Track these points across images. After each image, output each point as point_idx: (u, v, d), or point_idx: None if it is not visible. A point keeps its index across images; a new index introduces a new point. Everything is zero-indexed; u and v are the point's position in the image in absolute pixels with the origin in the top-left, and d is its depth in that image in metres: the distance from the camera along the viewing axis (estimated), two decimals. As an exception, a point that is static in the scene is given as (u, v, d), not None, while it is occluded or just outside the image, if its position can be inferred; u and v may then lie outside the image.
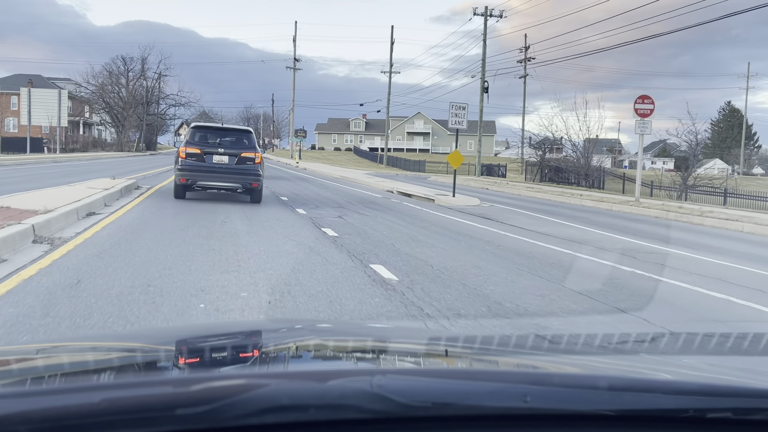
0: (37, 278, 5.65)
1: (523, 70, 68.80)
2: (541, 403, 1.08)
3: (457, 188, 21.38)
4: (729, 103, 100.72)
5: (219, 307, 5.11)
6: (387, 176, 41.92)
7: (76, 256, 6.82)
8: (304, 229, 10.43)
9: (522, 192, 28.11)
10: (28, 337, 4.05)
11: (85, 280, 5.71)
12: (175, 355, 1.58)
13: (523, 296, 6.16)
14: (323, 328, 2.44)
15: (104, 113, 79.22)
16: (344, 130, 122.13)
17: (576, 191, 29.58)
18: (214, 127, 15.43)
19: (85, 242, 7.76)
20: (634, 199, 21.82)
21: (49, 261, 6.47)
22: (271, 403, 0.97)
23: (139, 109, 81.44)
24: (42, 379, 1.28)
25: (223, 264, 6.90)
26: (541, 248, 9.80)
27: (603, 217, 16.80)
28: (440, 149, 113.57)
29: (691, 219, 17.17)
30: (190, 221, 10.45)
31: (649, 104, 20.40)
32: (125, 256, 7.02)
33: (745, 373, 1.72)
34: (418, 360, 1.68)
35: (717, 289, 7.10)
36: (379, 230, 11.02)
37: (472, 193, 23.99)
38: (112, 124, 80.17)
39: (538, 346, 3.04)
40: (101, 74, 77.76)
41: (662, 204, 21.17)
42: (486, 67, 42.62)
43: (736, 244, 12.53)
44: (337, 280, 6.36)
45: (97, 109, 78.64)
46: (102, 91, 76.95)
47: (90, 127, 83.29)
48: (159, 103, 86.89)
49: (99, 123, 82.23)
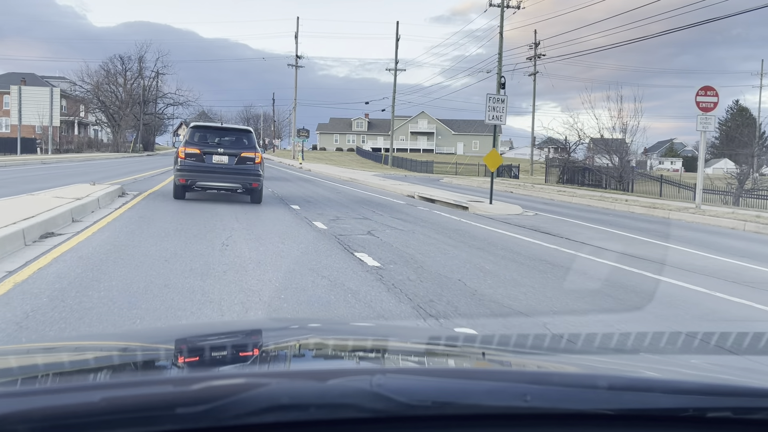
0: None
1: (533, 68, 66.46)
2: (541, 403, 1.07)
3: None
4: (737, 102, 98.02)
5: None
6: (396, 178, 39.34)
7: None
8: (332, 256, 7.77)
9: (554, 196, 25.44)
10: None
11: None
12: (175, 354, 1.55)
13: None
14: (323, 327, 2.47)
15: (100, 113, 76.24)
16: (346, 129, 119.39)
17: (612, 195, 26.92)
18: (214, 127, 15.21)
19: (8, 296, 4.98)
20: (694, 205, 19.11)
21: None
22: (271, 402, 0.97)
23: (136, 109, 78.66)
24: (42, 379, 1.28)
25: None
26: (673, 288, 7.02)
27: (679, 230, 14.09)
28: (444, 149, 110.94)
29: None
30: (180, 246, 7.79)
31: (712, 96, 17.76)
32: (68, 324, 4.36)
33: (745, 372, 1.77)
34: (418, 359, 1.66)
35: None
36: (429, 254, 8.37)
37: (504, 198, 21.35)
38: (108, 124, 77.22)
39: (538, 345, 2.77)
40: (97, 72, 74.94)
41: (732, 212, 18.40)
42: (499, 62, 39.92)
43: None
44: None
45: (93, 108, 75.68)
46: (97, 89, 74.00)
47: (86, 128, 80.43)
48: (157, 102, 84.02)
49: (95, 123, 79.27)
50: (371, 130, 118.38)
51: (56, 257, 6.57)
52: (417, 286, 6.19)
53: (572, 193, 26.37)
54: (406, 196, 20.94)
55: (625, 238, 11.91)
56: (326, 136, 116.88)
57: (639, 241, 11.54)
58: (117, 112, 75.99)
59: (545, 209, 18.60)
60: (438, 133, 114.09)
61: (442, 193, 21.70)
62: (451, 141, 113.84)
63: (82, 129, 79.19)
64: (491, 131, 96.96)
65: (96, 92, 73.79)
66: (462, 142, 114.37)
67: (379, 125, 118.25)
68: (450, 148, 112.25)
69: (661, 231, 13.57)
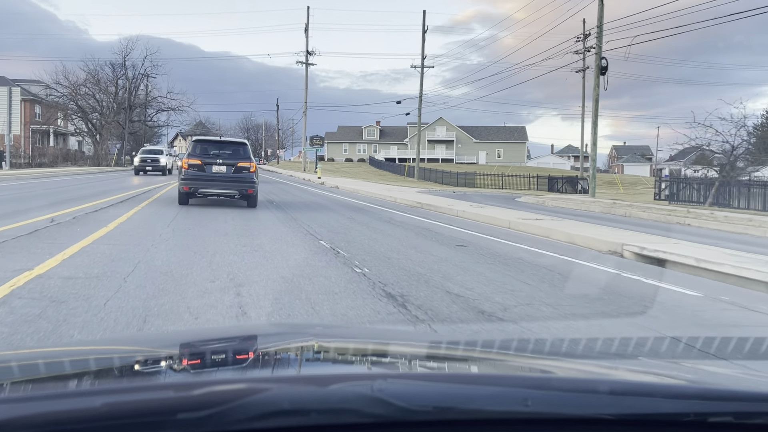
0: None
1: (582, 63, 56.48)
2: (542, 407, 1.07)
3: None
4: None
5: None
6: (453, 196, 29.19)
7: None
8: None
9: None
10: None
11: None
12: (177, 360, 1.54)
13: None
14: (324, 332, 2.42)
15: (78, 120, 65.60)
16: (356, 138, 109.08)
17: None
18: (213, 140, 17.41)
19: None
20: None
21: None
22: (273, 407, 0.97)
23: (121, 116, 68.13)
24: (43, 384, 1.28)
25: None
26: None
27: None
28: (465, 158, 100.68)
29: None
30: None
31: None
32: None
33: (747, 376, 1.67)
34: (419, 364, 1.64)
35: None
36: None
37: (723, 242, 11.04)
38: (87, 133, 66.62)
39: (539, 350, 2.54)
40: (74, 74, 64.27)
41: None
42: (599, 37, 29.50)
43: None
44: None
45: (70, 115, 65.10)
46: (75, 93, 63.45)
47: (65, 138, 70.08)
48: (146, 107, 73.42)
49: (75, 132, 68.67)
50: (383, 139, 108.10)
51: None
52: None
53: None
54: (607, 252, 10.65)
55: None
56: (334, 146, 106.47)
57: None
58: (99, 119, 65.61)
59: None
60: (458, 140, 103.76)
61: (628, 234, 11.36)
62: (472, 149, 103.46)
63: (60, 139, 68.82)
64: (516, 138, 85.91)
65: (74, 96, 63.20)
66: (484, 150, 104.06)
67: (391, 133, 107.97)
68: (471, 157, 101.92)
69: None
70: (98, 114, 65.88)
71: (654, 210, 21.81)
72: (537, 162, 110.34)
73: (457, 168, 71.46)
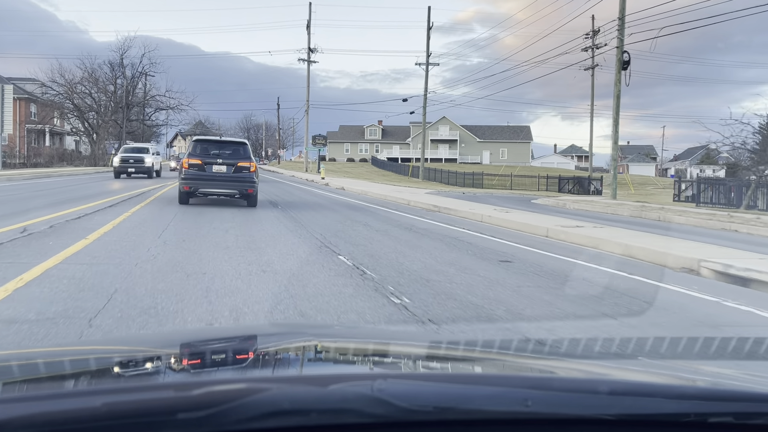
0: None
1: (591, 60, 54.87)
2: (542, 408, 1.06)
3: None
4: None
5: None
6: (465, 198, 27.61)
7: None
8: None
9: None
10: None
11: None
12: (177, 360, 1.52)
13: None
14: (324, 332, 2.39)
15: (75, 119, 63.89)
16: (358, 138, 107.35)
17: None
18: (214, 140, 16.99)
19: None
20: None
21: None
22: (273, 407, 0.96)
23: (118, 115, 66.48)
24: (43, 383, 1.27)
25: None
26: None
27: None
28: (468, 158, 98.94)
29: None
30: None
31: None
32: None
33: (747, 377, 1.64)
34: (419, 364, 1.62)
35: None
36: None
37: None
38: (84, 132, 64.93)
39: (539, 350, 2.59)
40: (70, 71, 62.58)
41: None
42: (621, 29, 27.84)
43: None
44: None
45: (66, 114, 63.40)
46: (71, 91, 61.74)
47: (61, 138, 68.38)
48: (144, 106, 71.74)
49: (70, 132, 66.94)
50: (386, 138, 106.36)
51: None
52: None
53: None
54: (681, 270, 9.08)
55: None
56: (336, 146, 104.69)
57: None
58: (96, 118, 63.96)
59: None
60: (461, 140, 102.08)
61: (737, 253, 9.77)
62: (476, 149, 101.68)
63: (57, 139, 67.13)
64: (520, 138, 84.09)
65: (69, 95, 61.52)
66: (488, 150, 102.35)
67: (394, 133, 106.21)
68: (475, 157, 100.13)
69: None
70: (95, 113, 64.20)
71: (692, 214, 20.14)
72: (541, 162, 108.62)
73: (463, 168, 69.81)
